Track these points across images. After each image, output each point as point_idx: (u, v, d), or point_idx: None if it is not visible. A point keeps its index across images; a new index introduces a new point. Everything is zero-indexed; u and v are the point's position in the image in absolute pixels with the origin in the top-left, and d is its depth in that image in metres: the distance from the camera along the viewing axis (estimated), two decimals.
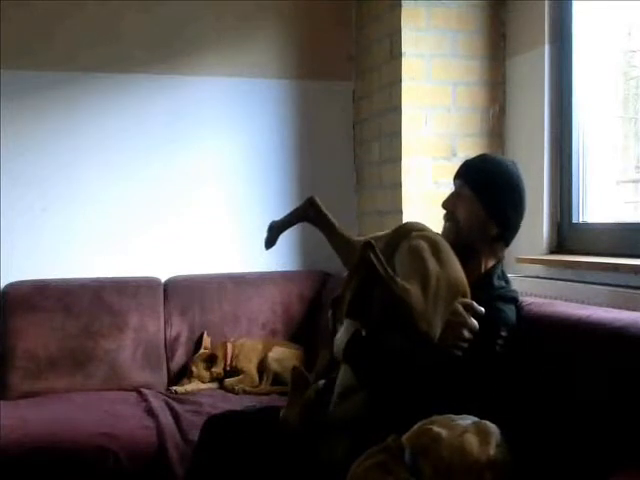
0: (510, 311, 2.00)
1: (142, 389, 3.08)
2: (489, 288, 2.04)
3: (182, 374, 3.20)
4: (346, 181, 3.70)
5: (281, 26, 3.59)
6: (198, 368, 3.16)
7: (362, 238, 2.10)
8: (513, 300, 2.05)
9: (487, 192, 2.07)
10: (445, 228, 2.13)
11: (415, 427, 1.65)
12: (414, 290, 1.77)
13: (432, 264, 1.85)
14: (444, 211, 2.16)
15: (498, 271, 2.09)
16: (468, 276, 1.96)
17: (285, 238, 3.61)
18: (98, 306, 3.20)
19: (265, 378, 3.16)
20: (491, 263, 2.10)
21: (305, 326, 3.41)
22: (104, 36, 3.38)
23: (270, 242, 2.43)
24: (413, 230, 1.98)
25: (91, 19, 3.36)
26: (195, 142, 3.51)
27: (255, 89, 3.57)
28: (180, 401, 2.93)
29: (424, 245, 1.89)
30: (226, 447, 2.09)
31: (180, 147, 3.49)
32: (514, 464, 1.58)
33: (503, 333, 1.93)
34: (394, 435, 1.66)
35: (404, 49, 3.11)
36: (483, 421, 1.63)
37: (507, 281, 2.12)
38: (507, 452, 1.58)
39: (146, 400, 2.91)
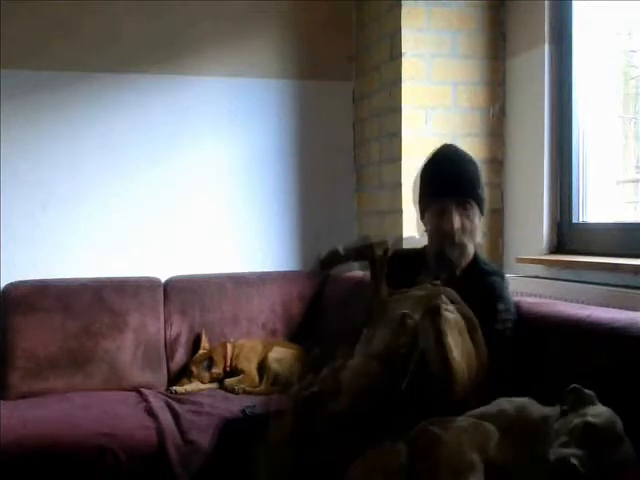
0: (502, 281, 2.10)
1: (142, 389, 3.08)
2: (479, 264, 2.14)
3: (182, 374, 3.20)
4: (346, 181, 3.70)
5: (281, 26, 3.59)
6: (198, 368, 3.16)
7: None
8: (499, 273, 2.15)
9: (479, 195, 2.13)
10: (464, 250, 2.11)
11: (415, 428, 1.65)
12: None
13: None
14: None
15: (479, 248, 2.21)
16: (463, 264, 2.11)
17: (285, 238, 3.65)
18: (98, 306, 3.19)
19: (265, 378, 3.15)
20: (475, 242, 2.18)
21: (305, 326, 3.41)
22: (104, 36, 3.38)
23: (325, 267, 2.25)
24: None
25: (91, 19, 3.36)
26: (195, 142, 3.51)
27: (255, 89, 3.57)
28: (180, 401, 2.93)
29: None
30: (241, 451, 2.08)
31: (180, 147, 3.49)
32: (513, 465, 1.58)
33: (501, 306, 2.00)
34: (390, 439, 1.66)
35: (404, 49, 3.11)
36: (482, 422, 1.63)
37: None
38: (506, 453, 1.58)
39: (146, 400, 2.91)
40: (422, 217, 2.21)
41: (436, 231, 2.12)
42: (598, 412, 1.47)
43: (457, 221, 2.07)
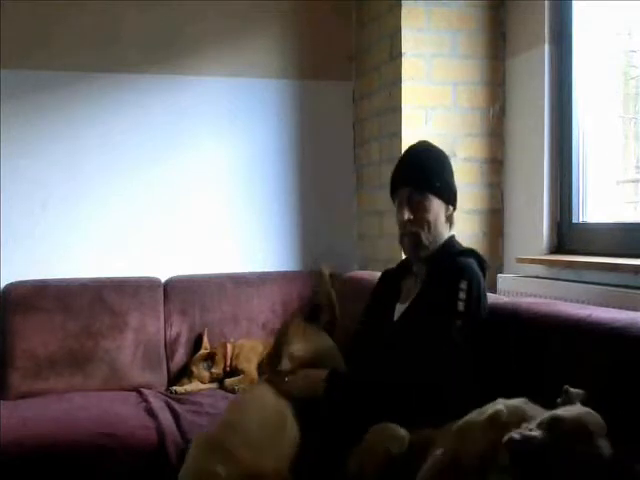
0: (470, 263, 2.10)
1: (142, 389, 3.08)
2: (449, 248, 2.18)
3: (182, 374, 3.20)
4: (346, 181, 3.70)
5: (281, 26, 3.59)
6: (198, 368, 3.16)
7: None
8: (472, 254, 2.17)
9: (437, 186, 2.17)
10: (417, 239, 2.17)
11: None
12: None
13: None
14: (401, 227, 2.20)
15: (455, 239, 2.23)
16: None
17: (285, 238, 3.65)
18: (98, 306, 3.19)
19: None
20: (448, 234, 2.21)
21: None
22: (104, 36, 3.38)
23: None
24: None
25: (91, 19, 3.36)
26: (195, 142, 3.51)
27: (255, 89, 3.57)
28: (180, 401, 2.93)
29: None
30: None
31: (180, 147, 3.49)
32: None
33: (463, 286, 2.02)
34: None
35: (404, 49, 3.11)
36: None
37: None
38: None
39: (146, 400, 2.90)
40: None
41: (397, 223, 2.24)
42: (571, 409, 1.49)
43: (407, 212, 2.16)
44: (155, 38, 3.44)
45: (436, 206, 2.16)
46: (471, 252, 2.19)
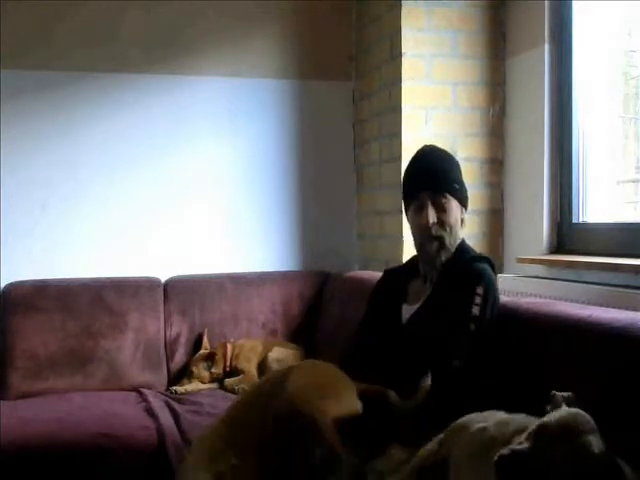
0: (486, 268, 2.11)
1: (142, 389, 3.08)
2: (463, 253, 2.17)
3: (182, 374, 3.20)
4: (346, 181, 3.70)
5: (281, 26, 3.59)
6: (198, 368, 3.16)
7: None
8: (485, 259, 2.17)
9: (455, 187, 2.17)
10: (442, 243, 2.15)
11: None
12: None
13: None
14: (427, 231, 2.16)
15: (466, 242, 2.23)
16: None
17: (285, 238, 3.65)
18: (98, 306, 3.19)
19: None
20: (461, 237, 2.21)
21: (305, 326, 3.41)
22: (104, 36, 3.38)
23: None
24: None
25: (91, 19, 3.37)
26: (195, 142, 3.51)
27: (255, 89, 3.57)
28: (180, 401, 2.92)
29: None
30: None
31: (180, 147, 3.49)
32: None
33: (479, 291, 2.03)
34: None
35: (404, 49, 3.11)
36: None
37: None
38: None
39: (146, 400, 2.90)
40: (407, 218, 2.28)
41: (415, 228, 2.20)
42: (556, 413, 1.48)
43: (432, 215, 2.13)
44: (155, 38, 3.44)
45: (455, 208, 2.16)
46: (484, 258, 2.19)
